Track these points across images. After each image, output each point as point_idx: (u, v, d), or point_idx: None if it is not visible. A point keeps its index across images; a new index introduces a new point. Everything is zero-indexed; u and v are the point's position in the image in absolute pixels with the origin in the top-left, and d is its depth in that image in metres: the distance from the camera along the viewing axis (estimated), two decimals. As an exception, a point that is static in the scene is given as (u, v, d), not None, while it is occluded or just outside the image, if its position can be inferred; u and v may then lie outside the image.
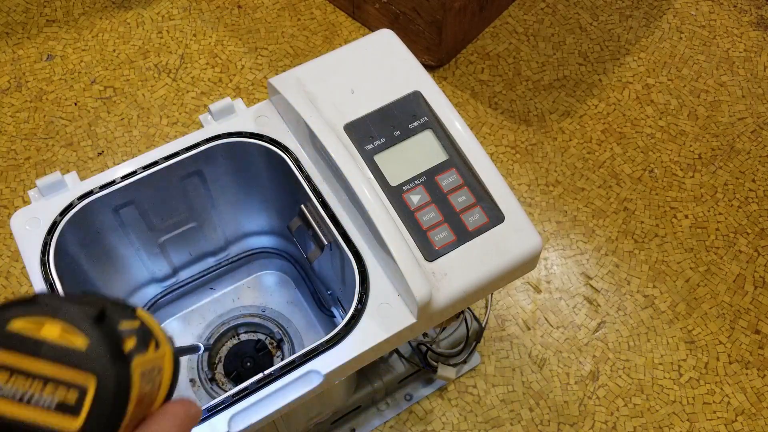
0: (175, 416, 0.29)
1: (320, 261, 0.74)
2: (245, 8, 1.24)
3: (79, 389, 0.23)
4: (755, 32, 1.25)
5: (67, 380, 0.23)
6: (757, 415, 0.91)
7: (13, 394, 0.23)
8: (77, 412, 0.23)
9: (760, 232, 1.05)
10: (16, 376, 0.23)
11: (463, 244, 0.62)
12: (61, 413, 0.23)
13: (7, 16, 1.22)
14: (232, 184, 0.76)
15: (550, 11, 1.26)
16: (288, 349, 0.87)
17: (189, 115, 1.12)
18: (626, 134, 1.13)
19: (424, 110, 0.67)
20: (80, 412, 0.23)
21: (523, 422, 0.90)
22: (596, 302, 0.98)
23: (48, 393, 0.23)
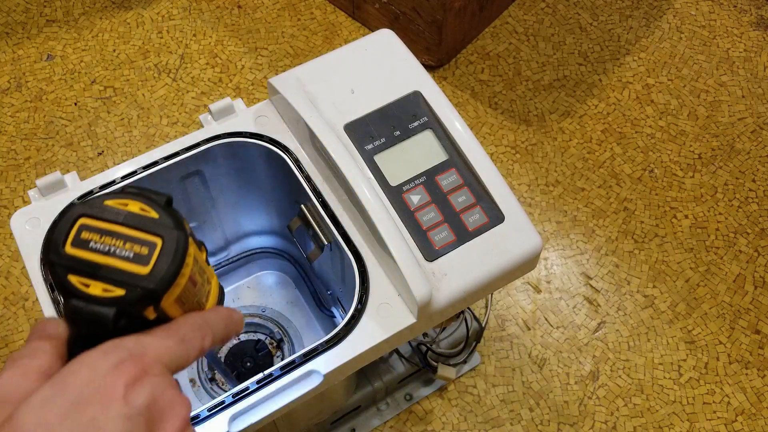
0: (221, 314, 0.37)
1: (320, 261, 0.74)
2: (245, 8, 1.24)
3: (150, 246, 0.32)
4: (755, 32, 1.25)
5: (141, 240, 0.32)
6: (757, 415, 0.91)
7: (102, 248, 0.32)
8: (147, 262, 0.32)
9: (760, 232, 1.05)
10: (105, 235, 0.32)
11: (463, 244, 0.62)
12: (136, 262, 0.32)
13: (7, 16, 1.22)
14: (232, 184, 0.76)
15: (550, 11, 1.26)
16: (288, 349, 0.87)
17: (189, 115, 1.12)
18: (626, 134, 1.13)
19: (424, 110, 0.67)
20: (149, 262, 0.32)
21: (523, 422, 0.90)
22: (596, 302, 0.98)
23: (127, 248, 0.32)
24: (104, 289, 0.31)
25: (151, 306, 0.33)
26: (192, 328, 0.34)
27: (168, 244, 0.32)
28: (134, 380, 0.30)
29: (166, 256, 0.32)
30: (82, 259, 0.32)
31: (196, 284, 0.35)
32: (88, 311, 0.31)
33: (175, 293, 0.33)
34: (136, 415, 0.29)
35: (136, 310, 0.32)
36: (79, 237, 0.32)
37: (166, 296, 0.33)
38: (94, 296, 0.31)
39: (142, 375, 0.30)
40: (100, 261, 0.32)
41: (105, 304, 0.31)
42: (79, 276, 0.32)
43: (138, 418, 0.29)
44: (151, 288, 0.32)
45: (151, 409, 0.30)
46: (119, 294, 0.31)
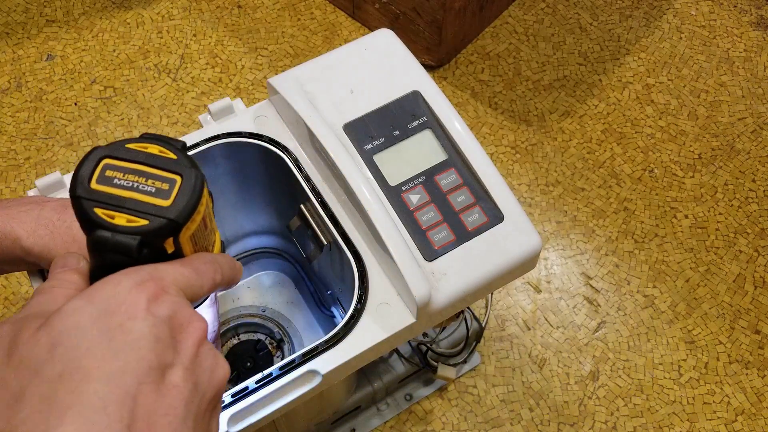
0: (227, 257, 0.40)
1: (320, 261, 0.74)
2: (245, 8, 1.24)
3: (170, 183, 0.35)
4: (755, 32, 1.25)
5: (162, 177, 0.35)
6: (757, 415, 0.91)
7: (126, 184, 0.34)
8: (168, 197, 0.35)
9: (760, 232, 1.05)
10: (128, 173, 0.35)
11: (463, 243, 0.62)
12: (158, 197, 0.35)
13: (7, 16, 1.22)
14: (231, 184, 0.76)
15: (550, 11, 1.26)
16: (288, 349, 0.87)
17: (189, 115, 1.12)
18: (626, 134, 1.13)
19: (424, 110, 0.67)
20: (170, 196, 0.35)
21: (523, 422, 0.90)
22: (596, 302, 0.98)
23: (149, 183, 0.35)
24: (128, 220, 0.34)
25: (171, 237, 0.35)
26: (205, 262, 0.37)
27: (187, 181, 0.35)
28: (155, 296, 0.32)
29: (186, 190, 0.35)
30: (107, 193, 0.34)
31: (206, 227, 0.38)
32: (114, 241, 0.34)
33: (192, 229, 0.36)
34: (160, 323, 0.32)
35: (157, 240, 0.35)
36: (103, 175, 0.35)
37: (184, 230, 0.35)
38: (120, 226, 0.34)
39: (161, 293, 0.33)
40: (124, 194, 0.34)
41: (129, 234, 0.34)
42: (104, 209, 0.34)
43: (162, 326, 0.32)
44: (173, 218, 0.34)
45: (172, 320, 0.32)
46: (143, 224, 0.34)
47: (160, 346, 0.31)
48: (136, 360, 0.30)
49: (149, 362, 0.31)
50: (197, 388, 0.32)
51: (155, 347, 0.31)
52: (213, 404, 0.33)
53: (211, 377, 0.33)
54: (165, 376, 0.31)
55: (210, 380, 0.33)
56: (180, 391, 0.31)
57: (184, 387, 0.31)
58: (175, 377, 0.31)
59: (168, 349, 0.31)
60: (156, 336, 0.31)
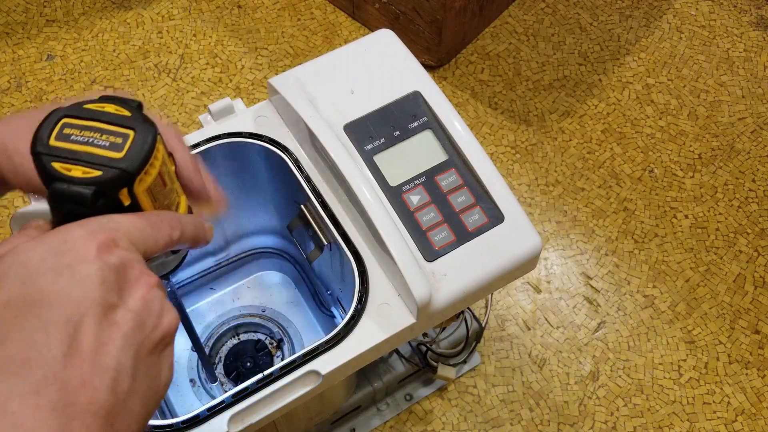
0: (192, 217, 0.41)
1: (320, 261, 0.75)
2: (245, 8, 1.24)
3: (123, 137, 0.37)
4: (755, 32, 1.25)
5: (115, 132, 0.37)
6: (757, 415, 0.91)
7: (82, 139, 0.36)
8: (121, 149, 0.36)
9: (760, 232, 1.05)
10: (84, 130, 0.37)
11: (463, 244, 0.62)
12: (112, 150, 0.36)
13: (7, 16, 1.22)
14: (231, 185, 0.76)
15: (550, 11, 1.26)
16: (288, 349, 0.87)
17: (189, 115, 1.12)
18: (626, 134, 1.13)
19: (424, 110, 0.67)
20: (123, 149, 0.36)
21: (523, 422, 0.90)
22: (596, 302, 0.98)
23: (104, 138, 0.36)
24: (84, 171, 0.36)
25: (125, 188, 0.36)
26: (162, 217, 0.38)
27: (139, 135, 0.37)
28: (106, 246, 0.33)
29: (138, 143, 0.37)
30: (64, 148, 0.36)
31: (166, 185, 0.40)
32: (70, 191, 0.35)
33: (147, 181, 0.37)
34: (106, 268, 0.33)
35: (112, 190, 0.36)
36: (61, 132, 0.36)
37: (138, 181, 0.37)
38: (75, 177, 0.35)
39: (112, 245, 0.34)
40: (80, 149, 0.36)
41: (84, 184, 0.35)
42: (61, 162, 0.36)
43: (108, 271, 0.33)
44: (124, 168, 0.36)
45: (120, 270, 0.33)
46: (97, 174, 0.36)
47: (105, 287, 0.32)
48: (81, 295, 0.32)
49: (93, 299, 0.32)
50: (141, 328, 0.33)
51: (101, 287, 0.32)
52: (160, 347, 0.35)
53: (157, 321, 0.34)
54: (108, 314, 0.32)
55: (156, 324, 0.34)
56: (120, 328, 0.32)
57: (125, 325, 0.33)
58: (117, 316, 0.33)
59: (112, 292, 0.33)
60: (102, 278, 0.32)
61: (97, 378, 0.31)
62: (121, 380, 0.32)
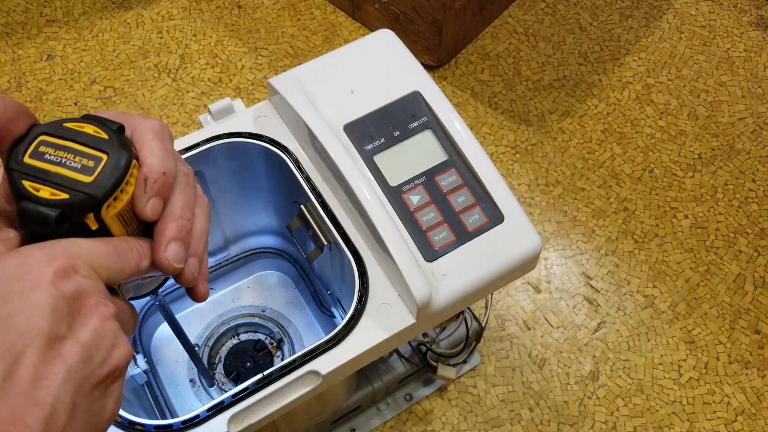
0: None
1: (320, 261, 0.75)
2: (245, 8, 1.24)
3: (96, 160, 0.36)
4: (755, 32, 1.25)
5: (89, 155, 0.36)
6: (757, 415, 0.91)
7: (55, 159, 0.36)
8: (92, 173, 0.36)
9: (760, 232, 1.05)
10: (59, 150, 0.36)
11: (463, 244, 0.62)
12: (82, 173, 0.36)
13: (7, 16, 1.22)
14: (231, 185, 0.76)
15: (550, 11, 1.26)
16: (288, 349, 0.87)
17: (189, 115, 1.12)
18: (626, 134, 1.13)
19: (424, 110, 0.67)
20: (93, 173, 0.36)
21: (523, 422, 0.90)
22: (596, 302, 0.98)
23: (76, 160, 0.36)
24: (51, 193, 0.35)
25: (91, 213, 0.36)
26: (131, 245, 0.37)
27: (111, 159, 0.36)
28: (64, 272, 0.33)
29: (109, 168, 0.36)
30: (36, 167, 0.36)
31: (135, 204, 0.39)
32: (35, 212, 0.35)
33: (117, 207, 0.37)
34: (60, 297, 0.32)
35: (77, 214, 0.36)
36: (37, 150, 0.36)
37: (106, 207, 0.36)
38: (42, 198, 0.35)
39: (70, 271, 0.33)
40: (51, 169, 0.36)
41: (50, 206, 0.35)
42: (31, 181, 0.35)
43: (62, 300, 0.32)
44: (90, 194, 0.35)
45: (74, 299, 0.32)
46: (63, 197, 0.35)
47: (54, 318, 0.31)
48: (28, 324, 0.31)
49: (39, 329, 0.31)
50: (87, 362, 0.32)
51: (49, 317, 0.31)
52: (107, 382, 0.34)
53: (107, 355, 0.33)
54: (53, 346, 0.31)
55: (105, 358, 0.33)
56: (64, 361, 0.31)
57: (70, 358, 0.31)
58: (63, 348, 0.31)
59: (62, 323, 0.32)
60: (53, 307, 0.31)
61: (31, 413, 0.30)
62: (57, 416, 0.31)
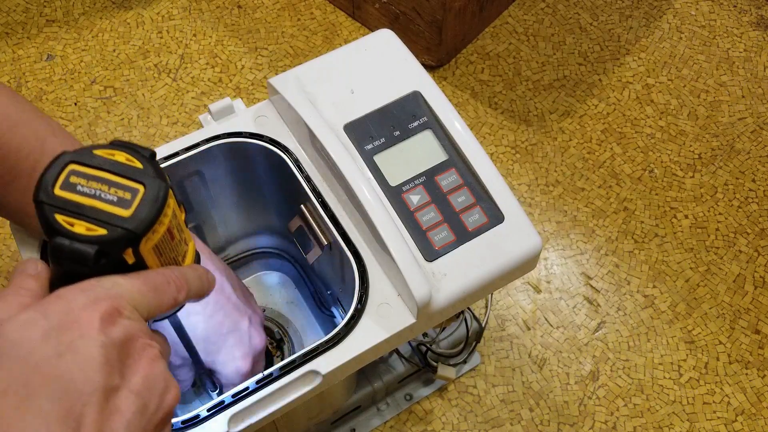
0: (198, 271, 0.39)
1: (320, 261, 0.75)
2: (245, 8, 1.24)
3: (132, 192, 0.34)
4: (755, 32, 1.25)
5: (125, 186, 0.35)
6: (757, 415, 0.91)
7: (89, 191, 0.34)
8: (129, 206, 0.34)
9: (760, 232, 1.05)
10: (92, 180, 0.34)
11: (463, 244, 0.62)
12: (119, 206, 0.34)
13: (7, 16, 1.22)
14: (231, 185, 0.76)
15: (550, 11, 1.26)
16: (288, 349, 0.87)
17: (189, 115, 1.12)
18: (626, 134, 1.13)
19: (424, 110, 0.67)
20: (131, 206, 0.34)
21: (523, 422, 0.90)
22: (596, 302, 0.98)
23: (111, 192, 0.34)
24: (87, 228, 0.33)
25: (130, 248, 0.35)
26: (167, 279, 0.36)
27: (149, 191, 0.35)
28: (109, 316, 0.32)
29: (147, 201, 0.34)
30: (69, 200, 0.34)
31: (174, 238, 0.38)
32: (71, 248, 0.33)
33: (154, 239, 0.35)
34: (110, 345, 0.31)
35: (115, 250, 0.34)
36: (67, 180, 0.34)
37: (145, 241, 0.35)
38: (78, 234, 0.33)
39: (115, 314, 0.32)
40: (85, 202, 0.34)
41: (87, 242, 0.33)
42: (65, 215, 0.33)
43: (112, 348, 0.32)
44: (131, 229, 0.34)
45: (123, 344, 0.32)
46: (101, 233, 0.33)
47: (107, 369, 0.31)
48: (83, 381, 0.30)
49: (95, 384, 0.31)
50: (143, 411, 0.32)
51: (103, 370, 0.31)
52: (161, 426, 0.34)
53: (160, 401, 0.33)
54: (110, 399, 0.31)
55: (159, 404, 0.33)
56: (123, 415, 0.31)
57: (128, 411, 0.31)
58: (119, 401, 0.31)
59: (115, 373, 0.32)
60: (105, 358, 0.31)
61: None
62: None
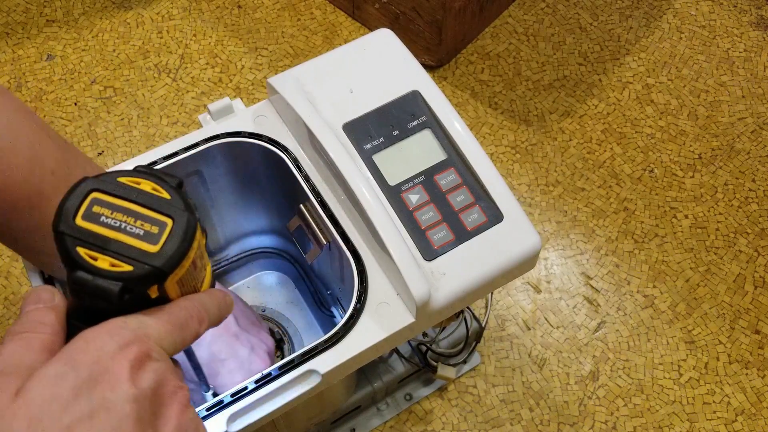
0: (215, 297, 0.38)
1: (319, 261, 0.75)
2: (245, 8, 1.24)
3: (160, 226, 0.33)
4: (755, 32, 1.25)
5: (152, 218, 0.33)
6: (757, 415, 0.91)
7: (113, 223, 0.32)
8: (157, 241, 0.32)
9: (760, 232, 1.04)
10: (116, 211, 0.33)
11: (462, 243, 0.62)
12: (146, 240, 0.32)
13: (7, 16, 1.22)
14: (231, 184, 0.76)
15: (550, 11, 1.26)
16: (288, 348, 0.87)
17: (189, 115, 1.12)
18: (626, 134, 1.13)
19: (423, 109, 0.67)
20: (159, 241, 0.33)
21: (523, 422, 0.90)
22: (596, 302, 0.98)
23: (138, 225, 0.33)
24: (112, 263, 0.32)
25: (155, 285, 0.33)
26: (191, 313, 0.36)
27: (178, 225, 0.33)
28: (139, 363, 0.31)
29: (176, 236, 0.33)
30: (92, 232, 0.32)
31: (196, 268, 0.36)
32: (94, 284, 0.32)
33: (179, 274, 0.34)
34: (142, 398, 0.31)
35: (141, 287, 0.33)
36: (90, 210, 0.32)
37: (171, 277, 0.33)
38: (102, 270, 0.32)
39: (145, 359, 0.32)
40: (110, 235, 0.32)
41: (111, 279, 0.32)
42: (87, 249, 0.32)
43: (144, 401, 0.31)
44: (159, 266, 0.32)
45: (155, 392, 0.32)
46: (126, 270, 0.32)
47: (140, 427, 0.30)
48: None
49: None
50: None
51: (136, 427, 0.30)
52: None
53: None
54: None
55: None
56: None
57: None
58: None
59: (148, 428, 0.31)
60: (138, 414, 0.30)
61: None
62: None
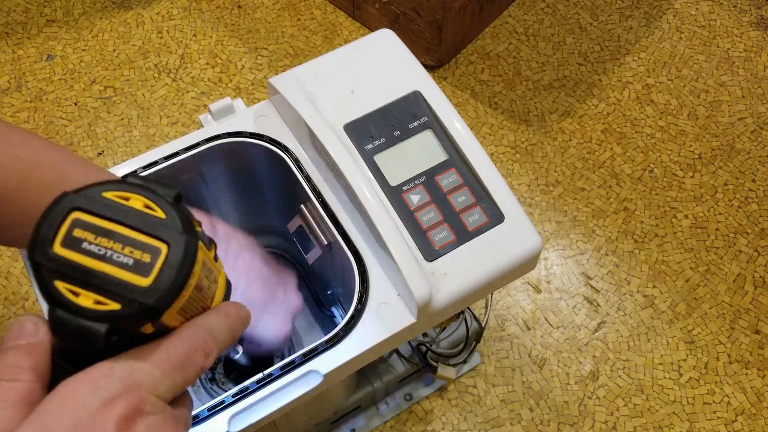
0: (228, 314, 0.33)
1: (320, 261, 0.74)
2: (245, 8, 1.24)
3: (153, 253, 0.28)
4: (755, 32, 1.25)
5: (143, 244, 0.28)
6: (757, 415, 0.91)
7: (97, 251, 0.27)
8: (149, 273, 0.27)
9: (760, 232, 1.05)
10: (101, 236, 0.27)
11: (463, 244, 0.62)
12: (135, 272, 0.27)
13: (7, 16, 1.22)
14: (231, 184, 0.76)
15: (550, 11, 1.26)
16: (288, 348, 0.87)
17: (189, 115, 1.12)
18: (626, 134, 1.13)
19: (424, 110, 0.67)
20: (151, 272, 0.27)
21: (523, 422, 0.90)
22: (596, 302, 0.98)
23: (126, 252, 0.27)
24: (96, 301, 0.27)
25: (149, 323, 0.29)
26: (194, 346, 0.31)
27: (174, 252, 0.28)
28: (127, 421, 0.27)
29: (171, 266, 0.28)
30: (72, 262, 0.27)
31: (201, 290, 0.31)
32: (76, 325, 0.27)
33: (178, 306, 0.29)
34: None
35: (131, 327, 0.28)
36: (70, 235, 0.27)
37: (168, 311, 0.29)
38: (84, 308, 0.27)
39: (134, 414, 0.28)
40: (93, 267, 0.27)
41: (96, 319, 0.27)
42: (67, 283, 0.27)
43: None
44: (151, 304, 0.28)
45: None
46: (113, 308, 0.27)
47: None
48: None
49: None
50: None
51: None
52: None
53: None
54: None
55: None
56: None
57: None
58: None
59: None
60: None
61: None
62: None
